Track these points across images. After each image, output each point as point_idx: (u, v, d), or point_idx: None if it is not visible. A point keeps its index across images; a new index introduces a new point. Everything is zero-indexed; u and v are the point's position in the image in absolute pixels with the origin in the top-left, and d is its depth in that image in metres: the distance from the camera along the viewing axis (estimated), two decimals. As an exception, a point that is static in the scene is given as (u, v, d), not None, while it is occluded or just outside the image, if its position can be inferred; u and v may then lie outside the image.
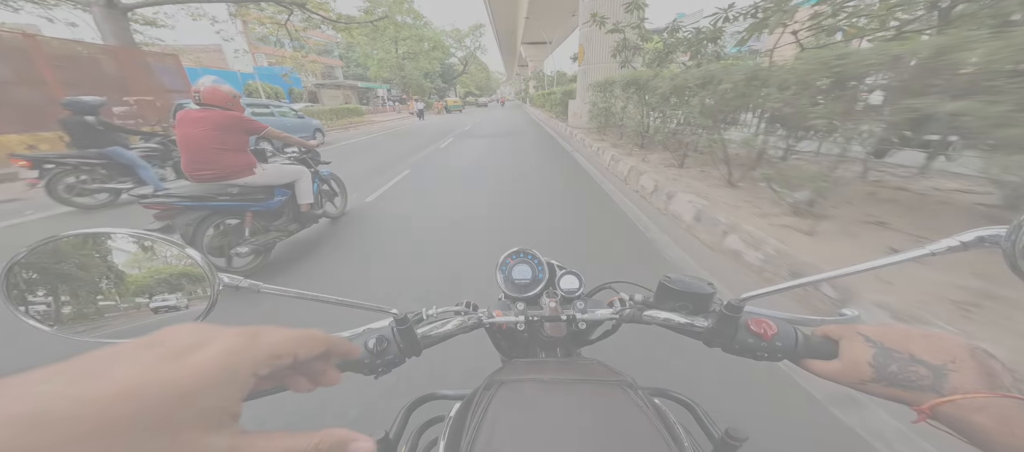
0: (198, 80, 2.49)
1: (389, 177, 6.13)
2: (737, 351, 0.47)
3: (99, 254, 0.40)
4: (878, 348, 0.38)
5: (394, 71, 37.14)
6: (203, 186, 2.43)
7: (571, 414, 0.42)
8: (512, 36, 57.81)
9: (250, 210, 2.61)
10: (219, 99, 2.49)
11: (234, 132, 2.49)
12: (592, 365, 0.53)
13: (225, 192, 2.46)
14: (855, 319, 0.48)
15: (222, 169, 2.47)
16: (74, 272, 0.38)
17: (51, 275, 0.37)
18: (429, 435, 0.64)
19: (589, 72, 10.73)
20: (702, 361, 1.59)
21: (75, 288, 0.38)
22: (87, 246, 0.38)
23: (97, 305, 0.39)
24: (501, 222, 3.77)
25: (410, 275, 2.66)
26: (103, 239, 0.39)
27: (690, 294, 0.52)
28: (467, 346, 0.96)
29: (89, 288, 0.39)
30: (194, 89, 2.45)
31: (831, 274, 0.41)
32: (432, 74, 54.54)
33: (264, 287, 0.42)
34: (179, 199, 2.28)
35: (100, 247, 0.39)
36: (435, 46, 39.50)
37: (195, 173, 2.43)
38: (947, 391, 0.33)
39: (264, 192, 2.71)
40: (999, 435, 0.29)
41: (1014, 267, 0.33)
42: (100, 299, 0.40)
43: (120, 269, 0.40)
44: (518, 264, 0.69)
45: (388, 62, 34.87)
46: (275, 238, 2.80)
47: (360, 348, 0.46)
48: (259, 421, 1.33)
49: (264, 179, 2.70)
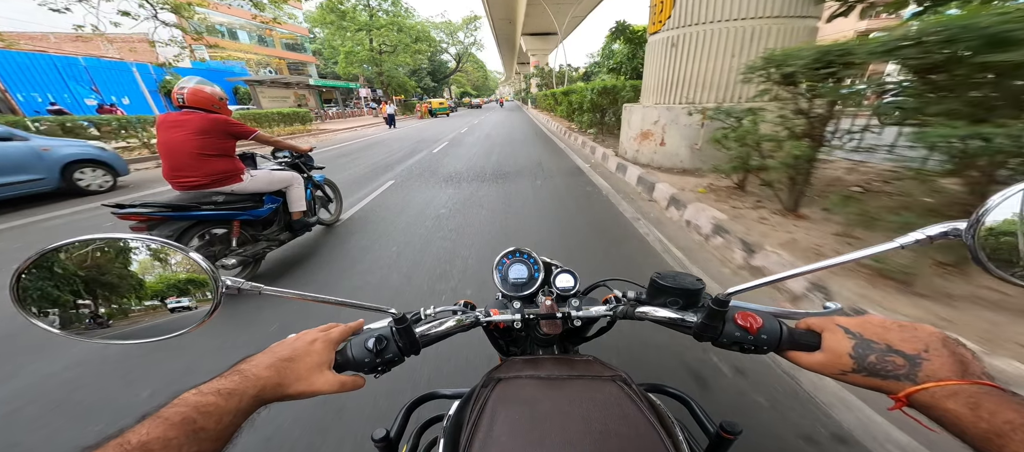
0: (181, 80, 2.37)
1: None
2: (725, 344, 0.49)
3: (104, 259, 0.41)
4: (858, 339, 0.40)
5: (370, 67, 30.94)
6: (186, 194, 2.28)
7: (568, 410, 0.42)
8: (511, 27, 51.48)
9: (238, 219, 2.46)
10: (203, 101, 2.35)
11: (219, 136, 2.33)
12: (588, 361, 0.55)
13: (209, 200, 2.30)
14: (837, 312, 0.50)
15: (206, 176, 2.31)
16: (81, 277, 0.40)
17: (59, 280, 0.39)
18: (430, 434, 0.66)
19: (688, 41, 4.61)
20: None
21: (84, 292, 0.40)
22: (92, 251, 0.40)
23: (104, 308, 0.41)
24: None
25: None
26: (107, 244, 0.41)
27: (680, 289, 0.54)
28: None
29: (97, 292, 0.41)
30: (176, 90, 2.32)
31: (810, 268, 0.44)
32: (420, 72, 48.40)
33: (266, 289, 0.46)
34: (158, 209, 2.10)
35: (104, 252, 0.41)
36: (419, 38, 33.27)
37: (177, 180, 2.29)
38: (921, 379, 0.35)
39: (253, 200, 2.57)
40: (969, 420, 0.31)
41: (975, 259, 0.36)
42: (107, 302, 0.41)
43: (125, 273, 0.42)
44: (514, 264, 0.69)
45: (359, 56, 28.69)
46: (265, 248, 2.66)
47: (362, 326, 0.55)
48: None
49: (253, 186, 2.56)
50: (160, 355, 1.83)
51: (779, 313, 0.50)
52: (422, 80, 49.08)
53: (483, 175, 6.17)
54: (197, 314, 0.44)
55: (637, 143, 5.62)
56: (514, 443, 0.39)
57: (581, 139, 9.06)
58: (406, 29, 31.28)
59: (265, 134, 2.73)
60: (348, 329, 0.53)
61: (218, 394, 0.36)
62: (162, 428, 0.30)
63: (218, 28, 31.05)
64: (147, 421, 0.31)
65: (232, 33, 32.78)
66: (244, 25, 33.07)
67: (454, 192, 5.05)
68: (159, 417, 0.32)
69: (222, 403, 0.35)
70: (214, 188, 2.34)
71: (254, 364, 0.42)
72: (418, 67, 43.33)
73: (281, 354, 0.44)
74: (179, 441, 0.31)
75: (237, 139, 2.44)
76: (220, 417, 0.34)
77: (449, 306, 0.62)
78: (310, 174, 3.29)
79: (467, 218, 3.90)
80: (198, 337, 1.89)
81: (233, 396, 0.36)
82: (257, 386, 0.39)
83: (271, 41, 38.30)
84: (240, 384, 0.38)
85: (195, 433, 0.32)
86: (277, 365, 0.42)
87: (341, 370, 0.49)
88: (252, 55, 34.43)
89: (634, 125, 5.69)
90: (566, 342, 0.70)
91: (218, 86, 2.42)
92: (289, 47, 41.93)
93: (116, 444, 0.28)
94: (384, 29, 28.95)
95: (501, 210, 4.15)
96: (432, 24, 46.12)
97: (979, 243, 0.35)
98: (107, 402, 1.60)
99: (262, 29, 36.79)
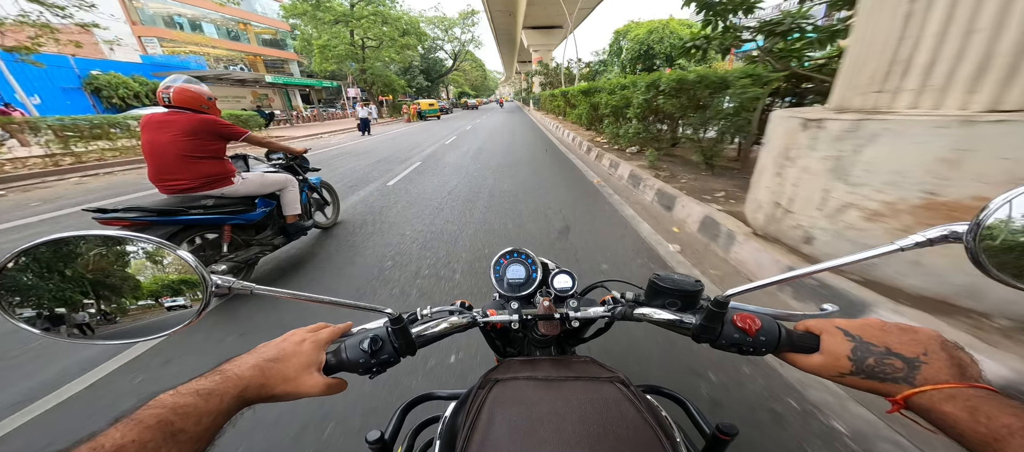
0: (165, 79, 2.26)
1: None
2: (724, 346, 0.48)
3: (88, 257, 0.39)
4: (857, 342, 0.40)
5: (353, 64, 27.29)
6: (173, 198, 2.21)
7: (565, 411, 0.42)
8: (511, 20, 47.69)
9: (229, 223, 2.37)
10: (190, 101, 2.25)
11: (208, 137, 2.24)
12: (585, 362, 0.54)
13: (198, 204, 2.20)
14: (835, 314, 0.49)
15: (194, 179, 2.22)
16: (64, 276, 0.38)
17: (40, 280, 0.37)
18: (425, 436, 0.64)
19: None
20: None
21: (66, 292, 0.38)
22: (76, 249, 0.38)
23: (88, 308, 0.40)
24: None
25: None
26: (94, 242, 0.39)
27: (679, 291, 0.53)
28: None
29: (80, 292, 0.39)
30: (162, 89, 2.21)
31: (808, 270, 0.44)
32: (412, 70, 44.73)
33: (257, 288, 0.44)
34: (143, 213, 1.98)
35: (90, 250, 0.39)
36: (407, 31, 29.44)
37: (163, 183, 2.20)
38: (920, 382, 0.35)
39: (245, 203, 2.49)
40: (967, 423, 0.31)
41: (975, 262, 0.35)
42: (91, 303, 0.40)
43: (111, 272, 0.41)
44: (512, 264, 0.69)
45: (337, 51, 24.95)
46: (258, 253, 2.56)
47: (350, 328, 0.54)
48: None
49: (245, 189, 2.49)
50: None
51: (778, 315, 0.50)
52: (415, 79, 45.37)
53: (453, 273, 2.62)
54: (185, 314, 0.43)
55: (856, 220, 2.04)
56: (511, 445, 0.38)
57: (622, 166, 5.48)
58: (392, 21, 27.51)
59: (257, 135, 2.65)
60: (338, 330, 0.52)
61: (197, 395, 0.35)
62: (136, 431, 0.29)
63: (176, 19, 27.34)
64: (120, 424, 0.30)
65: (196, 25, 29.04)
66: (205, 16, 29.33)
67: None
68: (133, 420, 0.30)
69: (201, 404, 0.34)
70: (203, 191, 2.26)
71: (238, 364, 0.41)
72: (409, 64, 39.61)
73: (267, 354, 0.43)
74: (156, 443, 0.30)
75: (227, 140, 2.35)
76: (199, 418, 0.33)
77: (446, 306, 0.61)
78: (305, 176, 3.22)
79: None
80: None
81: (213, 396, 0.36)
82: (240, 386, 0.38)
83: (246, 36, 34.65)
84: (221, 384, 0.37)
85: (173, 435, 0.31)
86: (262, 365, 0.42)
87: (335, 371, 0.49)
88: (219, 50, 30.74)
89: (852, 173, 2.06)
90: (564, 343, 0.69)
91: (204, 86, 2.33)
92: (269, 43, 38.33)
93: (88, 447, 0.27)
94: (366, 20, 25.15)
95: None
96: (425, 18, 42.34)
97: (979, 246, 0.35)
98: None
99: (232, 22, 33.18)
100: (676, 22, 28.48)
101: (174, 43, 26.75)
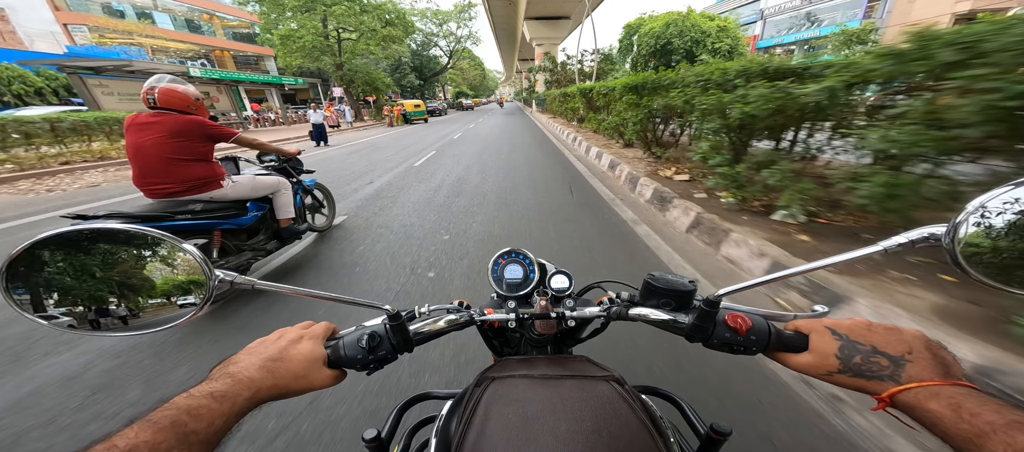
0: (150, 79, 2.15)
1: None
2: (716, 346, 0.48)
3: (94, 251, 0.39)
4: (844, 341, 0.41)
5: (328, 58, 23.30)
6: (159, 203, 2.11)
7: (560, 409, 0.42)
8: (510, 8, 43.49)
9: (218, 228, 2.27)
10: (177, 102, 2.17)
11: (195, 139, 2.17)
12: (581, 361, 0.54)
13: (185, 209, 2.11)
14: (824, 314, 0.49)
15: (181, 182, 2.14)
16: (71, 269, 0.38)
17: (48, 272, 0.37)
18: (422, 435, 0.64)
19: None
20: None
21: (74, 284, 0.38)
22: (82, 242, 0.38)
23: (95, 301, 0.39)
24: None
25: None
26: (99, 235, 0.39)
27: (673, 291, 0.54)
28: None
29: (88, 284, 0.39)
30: (147, 90, 2.12)
31: (799, 269, 0.43)
32: (402, 67, 40.68)
33: (260, 283, 0.43)
34: (126, 219, 1.81)
35: (95, 243, 0.39)
36: (390, 22, 25.33)
37: (148, 187, 2.13)
38: (905, 380, 0.36)
39: (235, 207, 2.41)
40: (950, 420, 0.31)
41: (954, 263, 0.35)
42: (97, 295, 0.39)
43: (116, 265, 0.40)
44: (510, 264, 0.69)
45: (303, 43, 20.90)
46: (250, 259, 2.52)
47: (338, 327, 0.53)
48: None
49: (235, 192, 2.42)
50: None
51: (769, 315, 0.50)
52: (405, 77, 41.35)
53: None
54: (189, 308, 0.42)
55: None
56: (506, 442, 0.38)
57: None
58: (372, 9, 23.48)
59: (248, 137, 2.51)
60: (328, 327, 0.52)
61: (210, 397, 0.35)
62: (150, 432, 0.30)
63: (115, 6, 23.35)
64: (135, 425, 0.30)
65: (143, 14, 25.01)
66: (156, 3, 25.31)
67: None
68: (148, 421, 0.31)
69: (214, 406, 0.35)
70: (191, 195, 2.19)
71: (243, 366, 0.41)
72: (396, 60, 35.60)
73: (268, 355, 0.43)
74: (168, 444, 0.30)
75: (215, 142, 2.29)
76: (211, 420, 0.34)
77: (444, 304, 0.61)
78: (299, 179, 3.16)
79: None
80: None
81: (226, 399, 0.36)
82: (251, 388, 0.39)
83: (210, 28, 30.71)
84: (232, 387, 0.38)
85: (185, 436, 0.31)
86: (268, 366, 0.42)
87: (334, 366, 0.49)
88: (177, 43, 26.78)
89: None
90: (560, 343, 0.69)
91: (191, 86, 2.22)
92: (240, 37, 34.41)
93: (103, 448, 0.28)
94: (339, 7, 21.09)
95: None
96: (416, 11, 38.26)
97: (958, 248, 0.35)
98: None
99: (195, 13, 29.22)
100: (696, 15, 24.89)
101: (116, 34, 22.78)
